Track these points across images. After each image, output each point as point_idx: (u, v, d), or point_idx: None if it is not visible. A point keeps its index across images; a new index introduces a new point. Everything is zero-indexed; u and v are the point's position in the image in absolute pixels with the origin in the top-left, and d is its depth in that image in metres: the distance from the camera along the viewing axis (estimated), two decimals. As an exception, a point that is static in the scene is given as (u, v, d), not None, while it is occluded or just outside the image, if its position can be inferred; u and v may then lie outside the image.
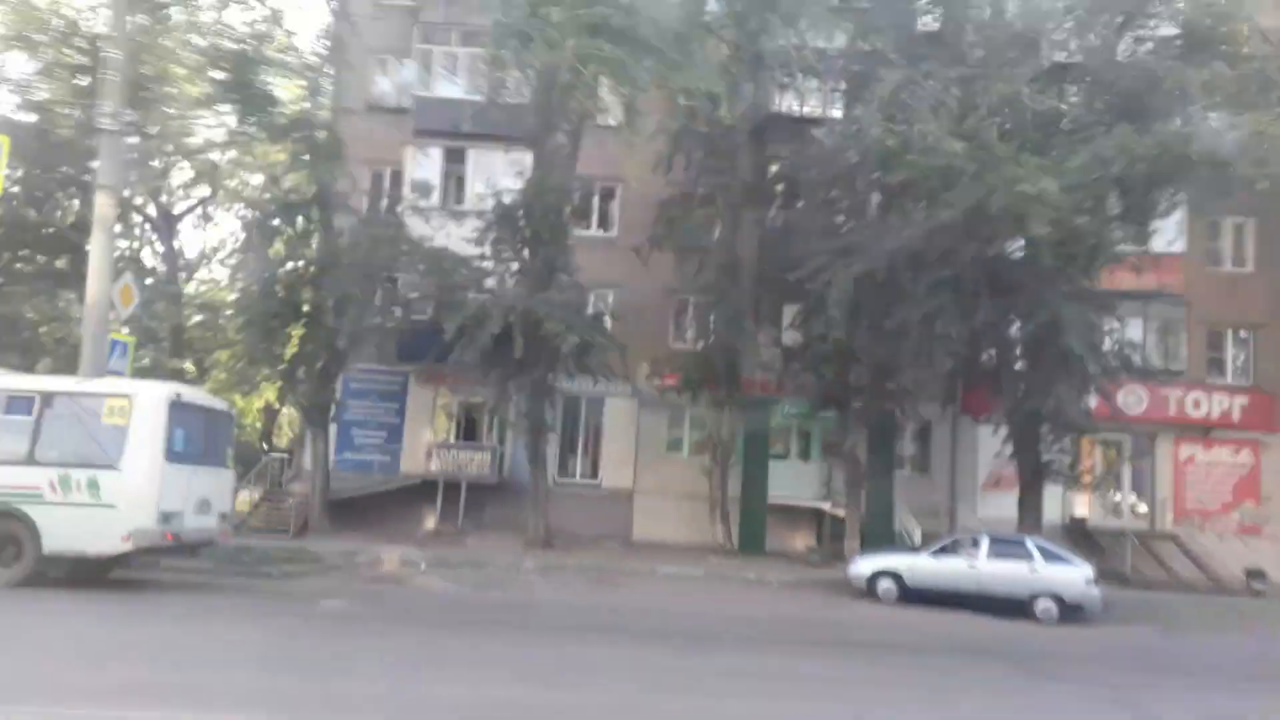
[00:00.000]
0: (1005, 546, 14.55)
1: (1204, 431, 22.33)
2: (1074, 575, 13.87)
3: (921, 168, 13.83)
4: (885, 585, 14.87)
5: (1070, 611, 13.85)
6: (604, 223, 24.33)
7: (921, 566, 14.81)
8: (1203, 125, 14.82)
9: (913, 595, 14.62)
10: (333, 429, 23.38)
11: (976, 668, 10.37)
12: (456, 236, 20.90)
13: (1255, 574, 19.26)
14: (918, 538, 19.63)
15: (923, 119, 13.63)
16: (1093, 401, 18.45)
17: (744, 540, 21.35)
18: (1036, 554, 14.23)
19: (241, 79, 19.97)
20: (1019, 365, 17.58)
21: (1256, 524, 22.06)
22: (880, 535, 20.28)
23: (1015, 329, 17.14)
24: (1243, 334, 22.92)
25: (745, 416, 21.97)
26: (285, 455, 23.85)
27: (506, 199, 19.58)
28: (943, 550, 15.02)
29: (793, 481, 22.67)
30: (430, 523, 21.90)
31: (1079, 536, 21.59)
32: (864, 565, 15.34)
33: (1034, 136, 14.66)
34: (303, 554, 15.81)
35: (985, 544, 14.67)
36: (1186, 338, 22.61)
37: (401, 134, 23.78)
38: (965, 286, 15.15)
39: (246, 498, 21.48)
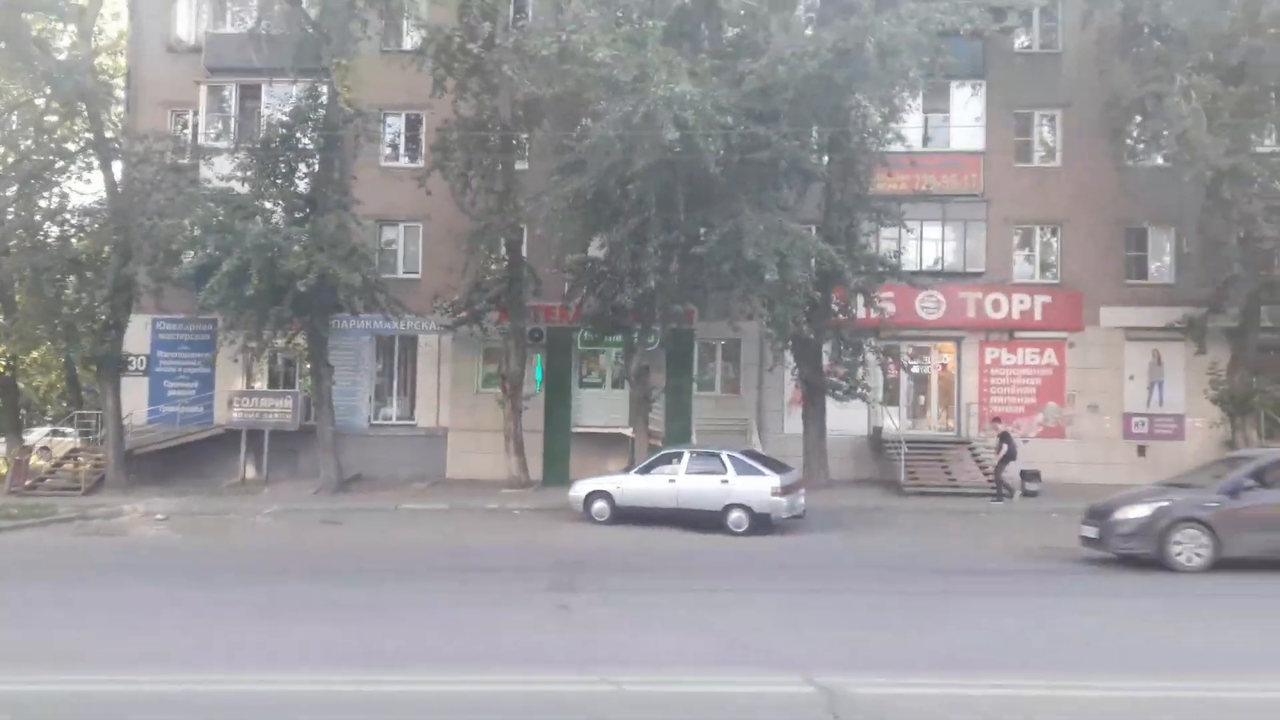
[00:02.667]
0: (702, 461, 14.56)
1: (1008, 334, 22.21)
2: (762, 486, 13.89)
3: (579, 77, 13.36)
4: (598, 505, 14.96)
5: (761, 522, 13.93)
6: (414, 153, 23.71)
7: (628, 485, 14.87)
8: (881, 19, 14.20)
9: (624, 514, 14.71)
10: (144, 381, 23.51)
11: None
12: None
13: (1030, 476, 19.36)
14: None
15: (585, 27, 13.12)
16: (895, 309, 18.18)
17: (548, 471, 21.48)
18: (730, 467, 14.25)
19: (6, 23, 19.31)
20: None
21: (1061, 424, 22.11)
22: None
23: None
24: (1050, 231, 22.57)
25: (538, 346, 22.00)
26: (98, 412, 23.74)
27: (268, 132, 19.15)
28: (647, 468, 15.05)
29: (606, 409, 22.70)
30: (240, 472, 21.98)
31: (878, 447, 21.78)
32: (580, 487, 15.42)
33: (723, 49, 14.11)
34: (37, 509, 15.88)
35: (685, 459, 14.69)
36: (987, 237, 22.25)
37: (197, 73, 23.15)
38: (672, 200, 14.79)
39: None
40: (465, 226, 20.47)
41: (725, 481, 14.15)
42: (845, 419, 21.92)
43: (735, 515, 14.00)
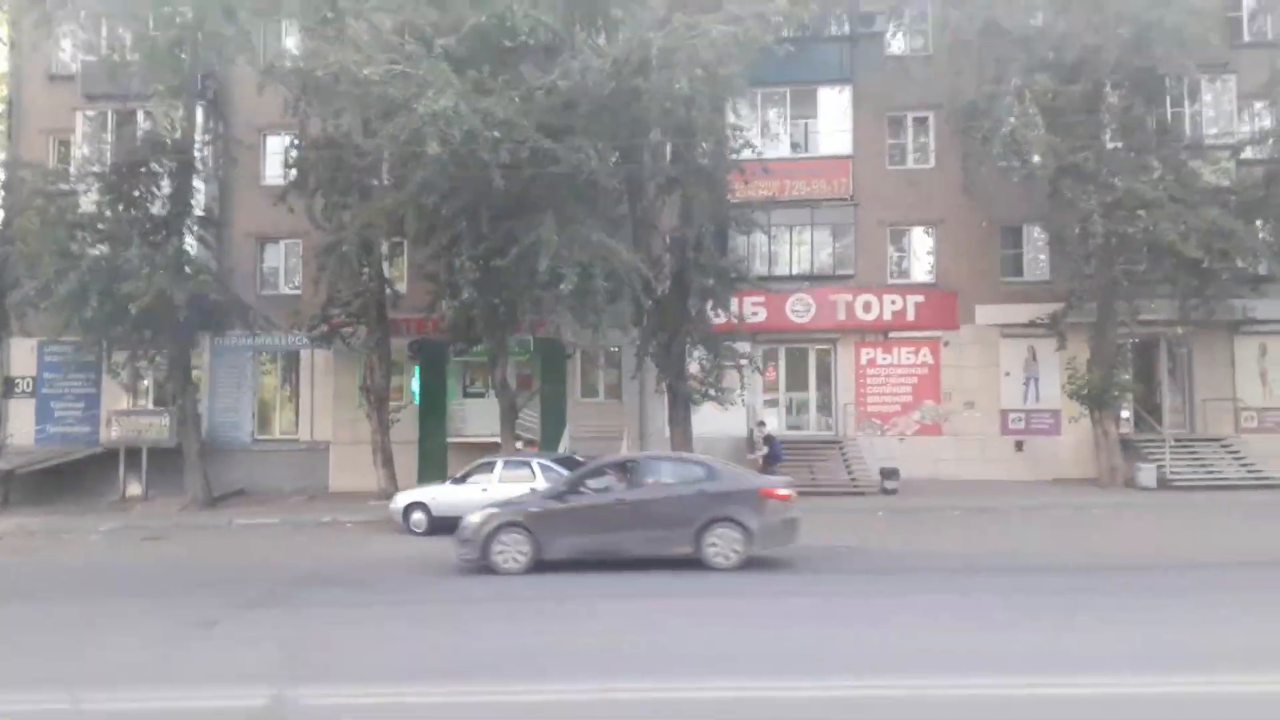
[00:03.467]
0: (514, 469, 14.64)
1: (883, 334, 22.29)
2: (562, 491, 13.96)
3: (356, 98, 13.48)
4: (416, 516, 15.02)
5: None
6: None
7: (443, 496, 14.93)
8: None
9: (440, 525, 14.77)
10: (32, 403, 23.65)
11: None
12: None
13: (888, 473, 19.43)
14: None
15: (357, 48, 13.23)
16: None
17: (423, 482, 21.49)
18: (538, 474, 14.31)
19: None
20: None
21: (936, 422, 22.18)
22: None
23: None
24: (925, 232, 22.67)
25: (417, 358, 22.12)
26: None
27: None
28: (463, 478, 15.13)
29: (491, 419, 22.69)
30: (121, 490, 22.06)
31: (753, 449, 21.78)
32: (400, 499, 15.50)
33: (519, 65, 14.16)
34: None
35: (498, 468, 14.77)
36: (859, 240, 22.34)
37: (76, 101, 23.32)
38: (478, 215, 14.89)
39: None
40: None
41: (533, 490, 14.21)
42: (727, 422, 22.08)
43: (541, 522, 14.05)
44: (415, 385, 22.58)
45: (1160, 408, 21.88)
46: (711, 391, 19.44)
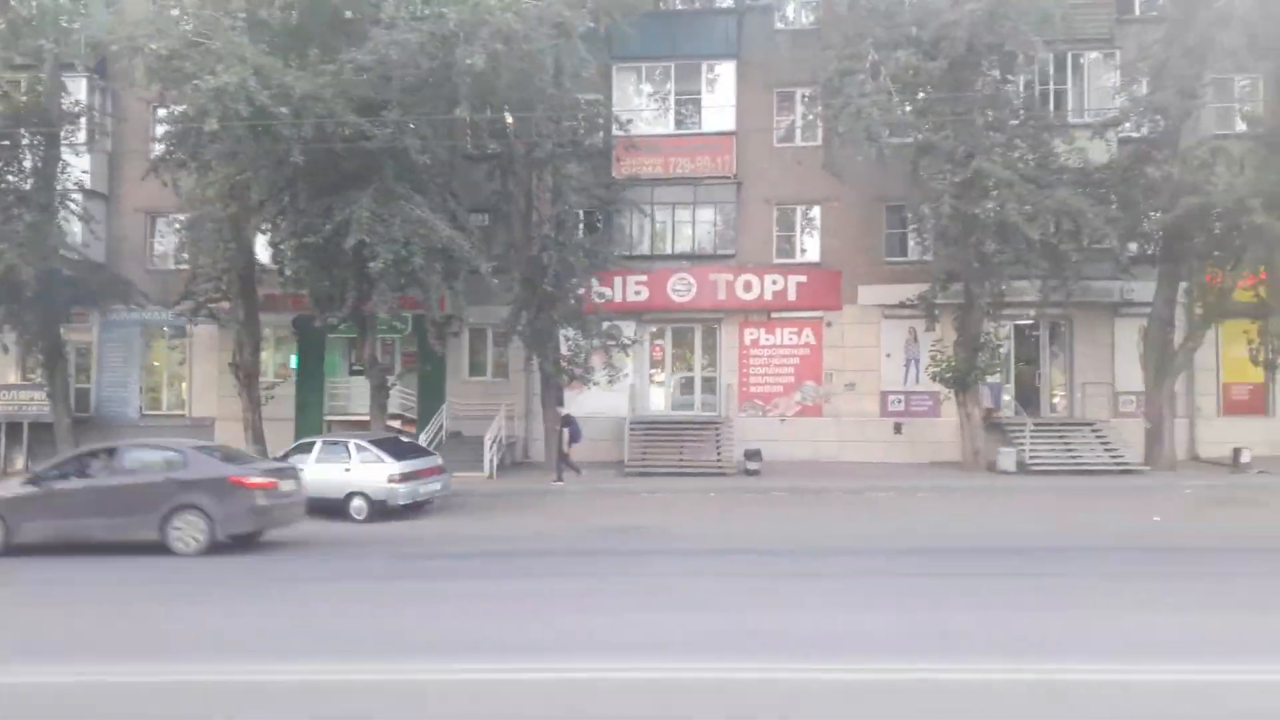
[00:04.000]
0: (331, 450, 14.65)
1: (767, 314, 22.17)
2: (379, 474, 13.98)
3: (152, 71, 13.31)
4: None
5: (378, 508, 14.03)
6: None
7: (268, 476, 14.95)
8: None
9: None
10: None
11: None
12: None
13: (751, 455, 19.43)
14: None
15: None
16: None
17: (301, 458, 21.58)
18: (354, 455, 14.33)
19: None
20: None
21: (818, 403, 22.13)
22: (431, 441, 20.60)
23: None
24: (811, 211, 22.47)
25: (298, 333, 22.09)
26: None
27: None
28: (284, 458, 15.08)
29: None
30: (6, 465, 22.15)
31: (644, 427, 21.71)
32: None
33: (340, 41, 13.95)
34: None
35: (316, 448, 14.78)
36: (742, 218, 22.16)
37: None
38: (305, 188, 14.74)
39: None
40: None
41: (348, 470, 14.27)
42: (616, 401, 22.09)
43: (356, 502, 14.15)
44: (295, 362, 22.51)
45: (1039, 391, 21.84)
46: (577, 371, 19.41)
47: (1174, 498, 15.45)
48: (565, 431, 18.75)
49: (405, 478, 14.06)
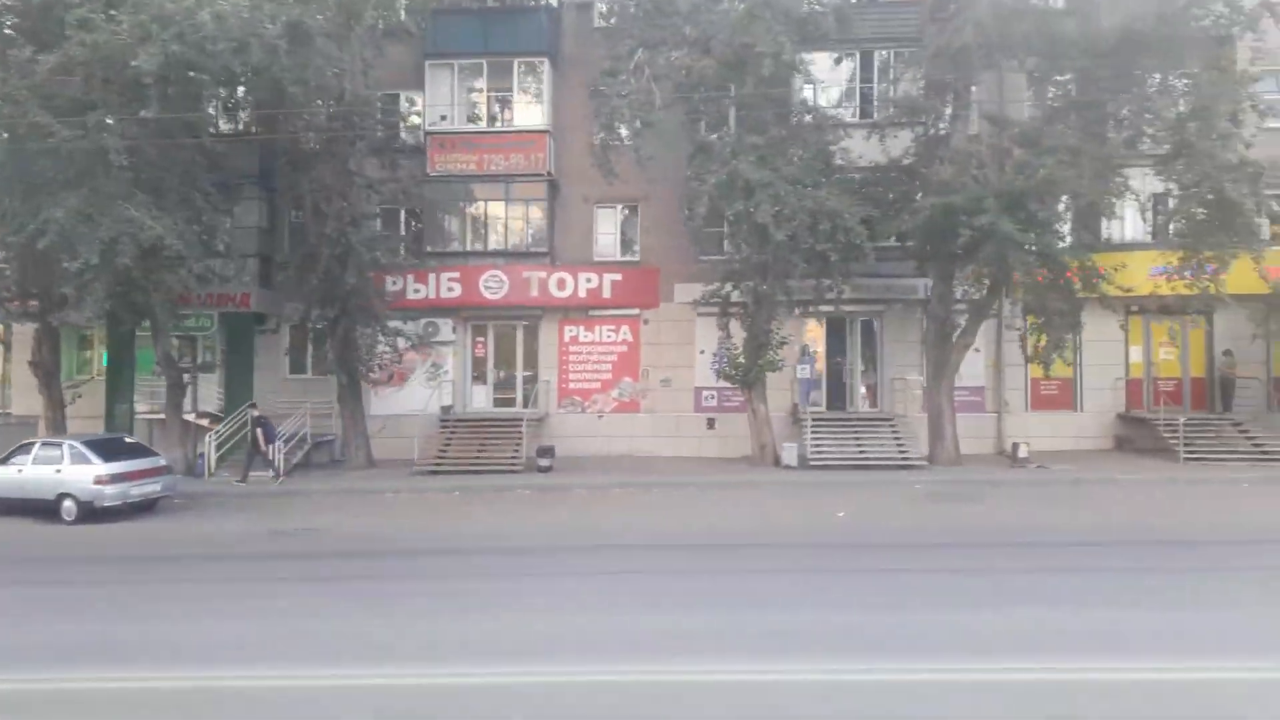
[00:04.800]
0: (47, 451, 14.65)
1: (585, 311, 22.25)
2: (86, 475, 14.00)
3: None
4: (-31, 496, 15.06)
5: (88, 510, 14.07)
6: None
7: (-17, 476, 14.95)
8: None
9: (-4, 505, 14.82)
10: None
11: None
12: None
13: (544, 451, 19.53)
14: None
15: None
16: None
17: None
18: (66, 456, 14.35)
19: None
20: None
21: (635, 399, 22.25)
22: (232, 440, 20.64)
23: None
24: (629, 208, 22.54)
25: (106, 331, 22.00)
26: None
27: None
28: (6, 458, 15.10)
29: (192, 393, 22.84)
30: None
31: (452, 424, 21.77)
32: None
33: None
34: None
35: (35, 449, 14.78)
36: (557, 216, 22.21)
37: None
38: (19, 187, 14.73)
39: None
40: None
41: (59, 471, 14.26)
42: (437, 399, 22.24)
43: (66, 504, 14.17)
44: (105, 360, 22.47)
45: (846, 386, 22.01)
46: (374, 369, 19.52)
47: (903, 493, 15.58)
48: (259, 432, 18.75)
49: (114, 479, 14.08)
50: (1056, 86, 16.87)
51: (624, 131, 17.13)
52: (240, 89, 18.16)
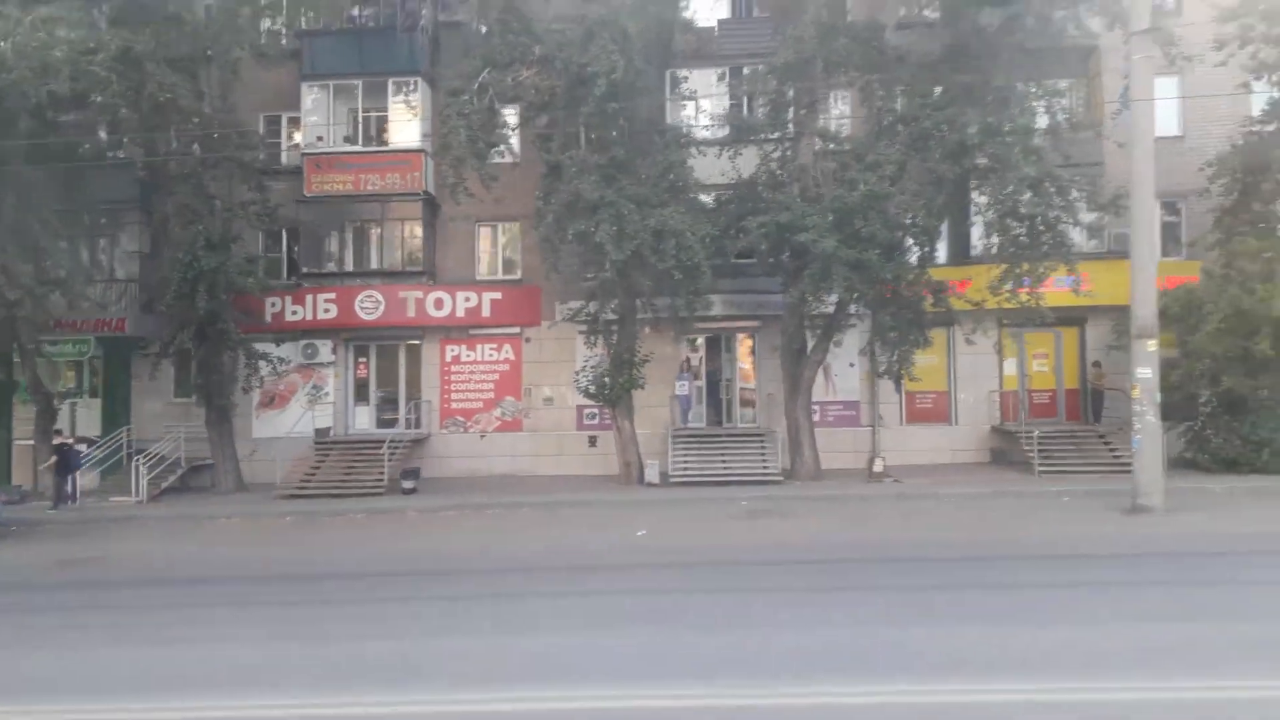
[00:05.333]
0: None
1: (466, 331, 22.26)
2: None
3: None
4: None
5: None
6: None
7: None
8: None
9: None
10: None
11: None
12: None
13: (408, 473, 19.53)
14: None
15: None
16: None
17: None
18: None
19: None
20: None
21: (517, 418, 22.25)
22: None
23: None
24: (511, 227, 22.61)
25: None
26: None
27: None
28: None
29: (85, 418, 22.76)
30: None
31: (327, 447, 21.72)
32: None
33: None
34: None
35: None
36: (437, 235, 22.26)
37: None
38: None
39: None
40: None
41: None
42: (320, 421, 22.25)
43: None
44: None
45: (723, 402, 22.08)
46: (234, 392, 19.53)
47: (726, 509, 15.58)
48: (55, 459, 18.70)
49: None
50: (883, 102, 17.02)
51: (463, 151, 17.17)
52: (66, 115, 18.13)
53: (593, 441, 21.94)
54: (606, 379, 19.26)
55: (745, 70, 20.19)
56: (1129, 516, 13.32)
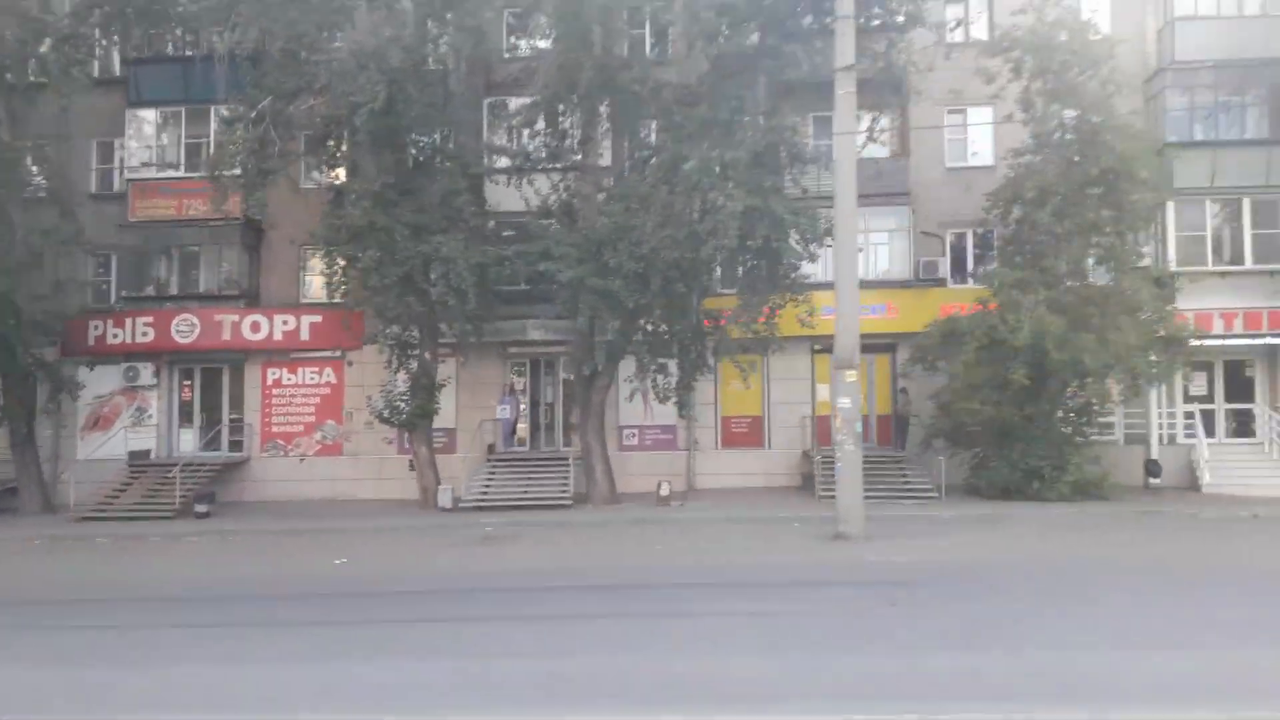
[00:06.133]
0: None
1: (287, 354, 22.31)
2: None
3: None
4: None
5: None
6: None
7: None
8: None
9: None
10: None
11: None
12: None
13: (202, 497, 19.49)
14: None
15: None
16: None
17: None
18: None
19: None
20: None
21: (338, 441, 22.28)
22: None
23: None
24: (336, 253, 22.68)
25: None
26: None
27: None
28: None
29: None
30: None
31: (141, 470, 21.61)
32: None
33: None
34: None
35: None
36: (262, 259, 22.40)
37: None
38: None
39: None
40: None
41: None
42: (143, 444, 22.20)
43: None
44: None
45: (542, 425, 22.19)
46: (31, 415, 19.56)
47: (465, 535, 15.65)
48: None
49: None
50: (631, 135, 17.31)
51: (234, 175, 17.40)
52: None
53: (413, 465, 21.92)
54: (400, 403, 19.35)
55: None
56: (828, 544, 13.45)
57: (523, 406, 22.38)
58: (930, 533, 14.48)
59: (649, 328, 17.73)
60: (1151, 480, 19.22)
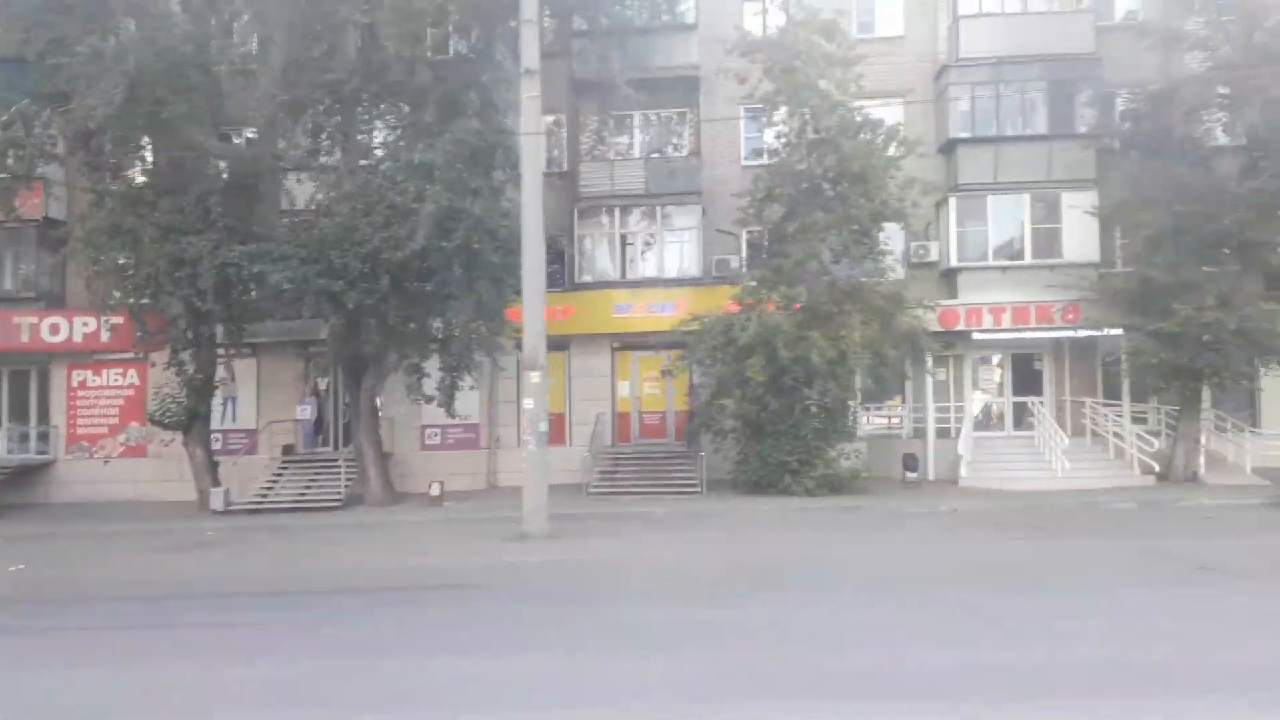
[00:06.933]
0: None
1: (92, 356, 22.30)
2: None
3: None
4: None
5: None
6: None
7: None
8: None
9: None
10: None
11: None
12: None
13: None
14: None
15: None
16: None
17: None
18: None
19: None
20: None
21: (141, 444, 22.29)
22: None
23: None
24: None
25: None
26: None
27: None
28: None
29: None
30: None
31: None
32: None
33: None
34: None
35: None
36: (55, 262, 22.28)
37: None
38: None
39: None
40: None
41: None
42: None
43: None
44: None
45: (341, 426, 22.26)
46: None
47: (183, 539, 15.70)
48: None
49: None
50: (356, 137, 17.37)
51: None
52: None
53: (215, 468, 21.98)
54: (173, 405, 19.38)
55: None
56: (510, 543, 13.58)
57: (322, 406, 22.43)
58: (617, 532, 14.60)
59: (411, 326, 17.78)
60: (908, 475, 19.44)
